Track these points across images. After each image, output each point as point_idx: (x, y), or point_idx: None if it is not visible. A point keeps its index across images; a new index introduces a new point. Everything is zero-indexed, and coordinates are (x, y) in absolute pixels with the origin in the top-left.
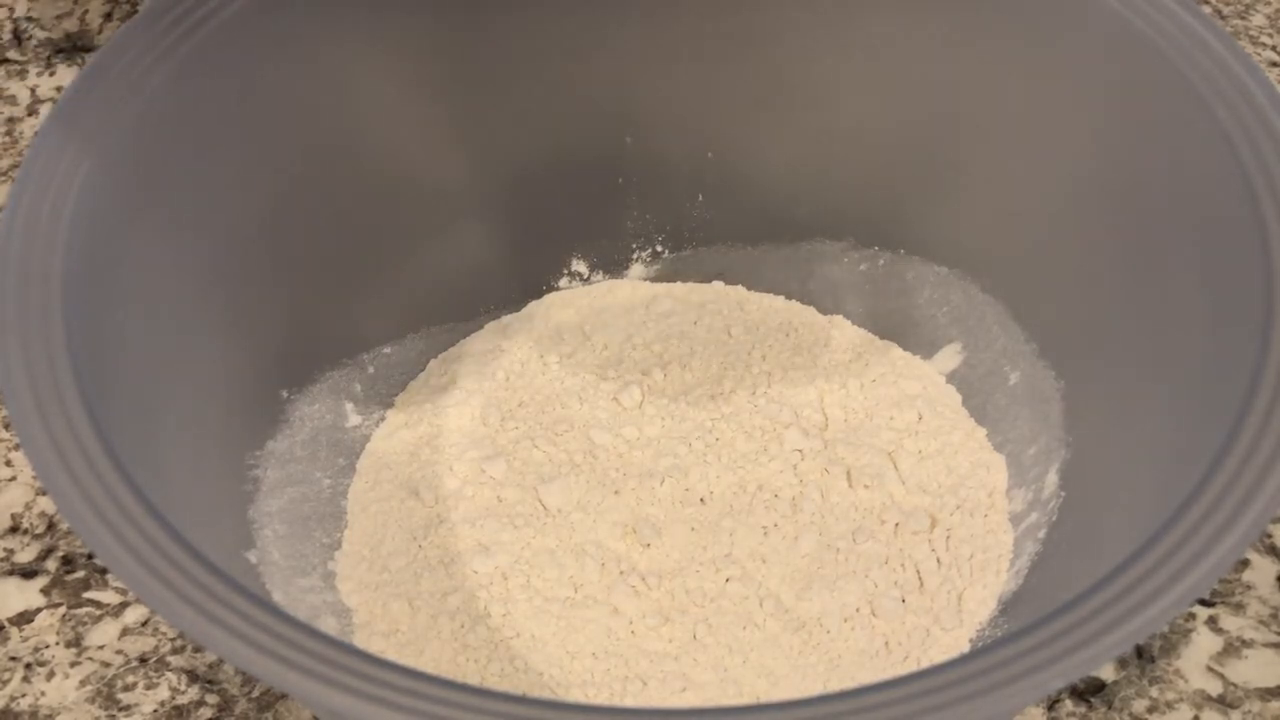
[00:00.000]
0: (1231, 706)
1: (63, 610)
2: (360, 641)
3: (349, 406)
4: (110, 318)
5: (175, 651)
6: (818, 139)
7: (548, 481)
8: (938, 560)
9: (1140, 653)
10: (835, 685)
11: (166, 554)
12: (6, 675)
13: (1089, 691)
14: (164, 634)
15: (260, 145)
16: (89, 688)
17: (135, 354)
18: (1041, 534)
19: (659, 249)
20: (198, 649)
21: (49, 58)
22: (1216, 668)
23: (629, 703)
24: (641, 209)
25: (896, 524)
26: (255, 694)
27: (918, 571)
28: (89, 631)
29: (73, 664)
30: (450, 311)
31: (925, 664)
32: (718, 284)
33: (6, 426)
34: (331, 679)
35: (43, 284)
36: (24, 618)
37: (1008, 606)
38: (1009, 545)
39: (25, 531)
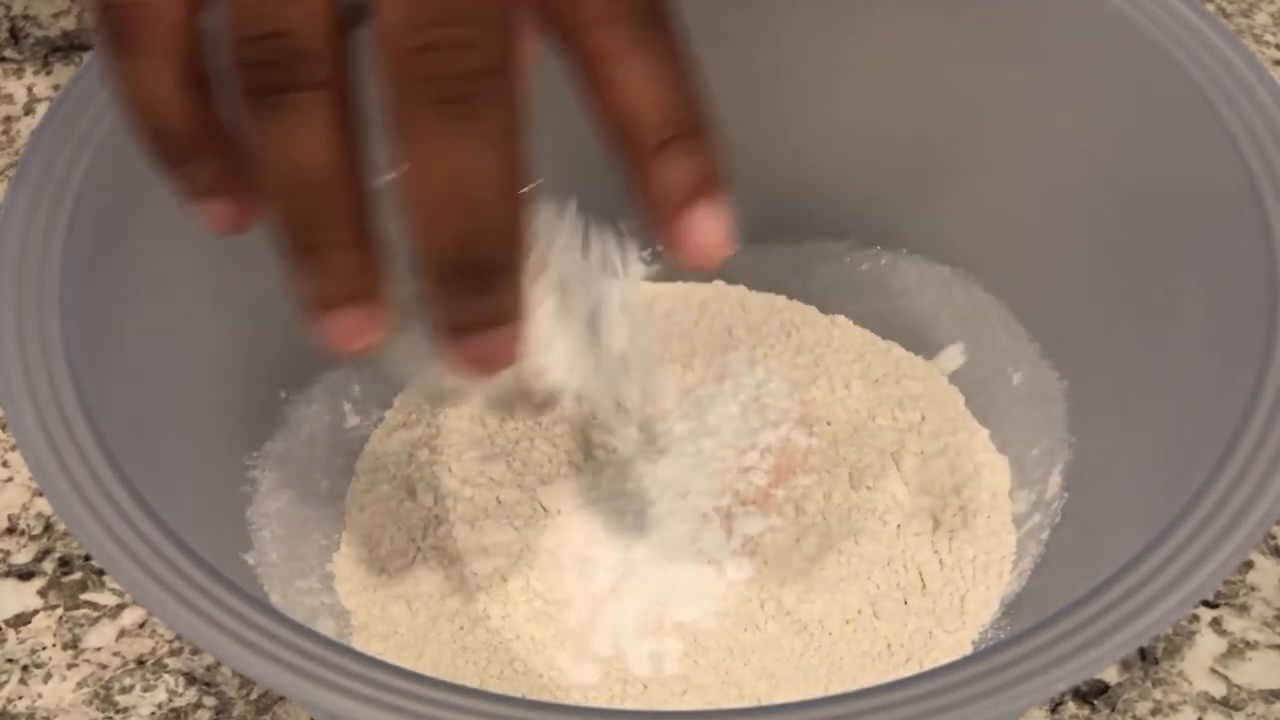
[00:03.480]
0: (1235, 709)
1: (60, 612)
2: (359, 644)
3: (347, 407)
4: (107, 318)
5: (173, 654)
6: (818, 138)
7: (547, 482)
8: (940, 562)
9: (1144, 655)
10: (837, 688)
11: (164, 556)
12: (3, 677)
13: (1092, 694)
14: (161, 636)
15: None
16: (86, 690)
17: (132, 355)
18: (1044, 535)
19: (659, 249)
20: (195, 651)
21: (46, 56)
22: (1220, 670)
23: (629, 705)
24: None
25: (899, 525)
26: (253, 696)
27: (920, 573)
28: (86, 633)
29: (70, 666)
30: None
31: (927, 666)
32: (718, 284)
33: (3, 427)
34: (330, 682)
35: (40, 284)
36: (21, 619)
37: (1010, 608)
38: (1012, 547)
39: (22, 533)
